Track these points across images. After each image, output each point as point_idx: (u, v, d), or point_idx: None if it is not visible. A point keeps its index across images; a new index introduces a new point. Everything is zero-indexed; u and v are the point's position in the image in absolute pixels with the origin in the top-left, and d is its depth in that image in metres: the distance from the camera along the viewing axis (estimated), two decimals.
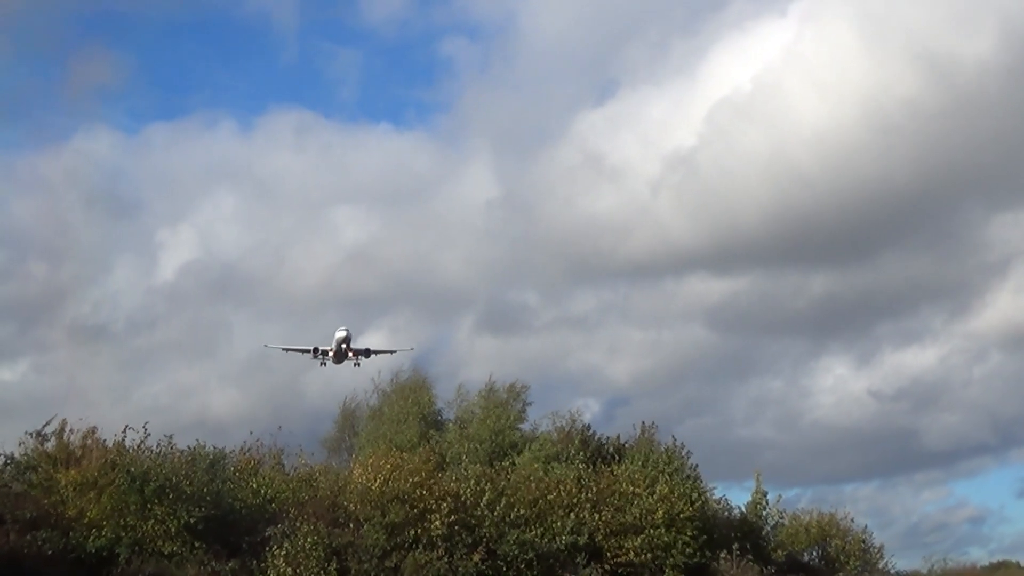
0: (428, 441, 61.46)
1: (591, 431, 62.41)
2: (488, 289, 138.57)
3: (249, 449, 49.06)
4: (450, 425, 65.89)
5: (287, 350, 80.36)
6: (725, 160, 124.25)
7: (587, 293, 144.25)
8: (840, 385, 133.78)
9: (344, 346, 78.18)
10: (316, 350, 78.82)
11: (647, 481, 52.51)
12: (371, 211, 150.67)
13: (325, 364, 79.63)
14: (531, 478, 51.27)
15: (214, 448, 45.05)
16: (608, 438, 62.26)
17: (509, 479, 50.34)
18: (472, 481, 47.60)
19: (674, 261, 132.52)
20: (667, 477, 53.50)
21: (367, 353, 79.48)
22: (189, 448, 43.84)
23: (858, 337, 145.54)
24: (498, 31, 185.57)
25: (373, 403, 71.03)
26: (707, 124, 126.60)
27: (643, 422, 62.35)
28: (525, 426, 63.65)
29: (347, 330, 78.67)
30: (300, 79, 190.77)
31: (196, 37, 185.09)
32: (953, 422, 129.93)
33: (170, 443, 43.74)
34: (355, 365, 79.12)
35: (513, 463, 56.30)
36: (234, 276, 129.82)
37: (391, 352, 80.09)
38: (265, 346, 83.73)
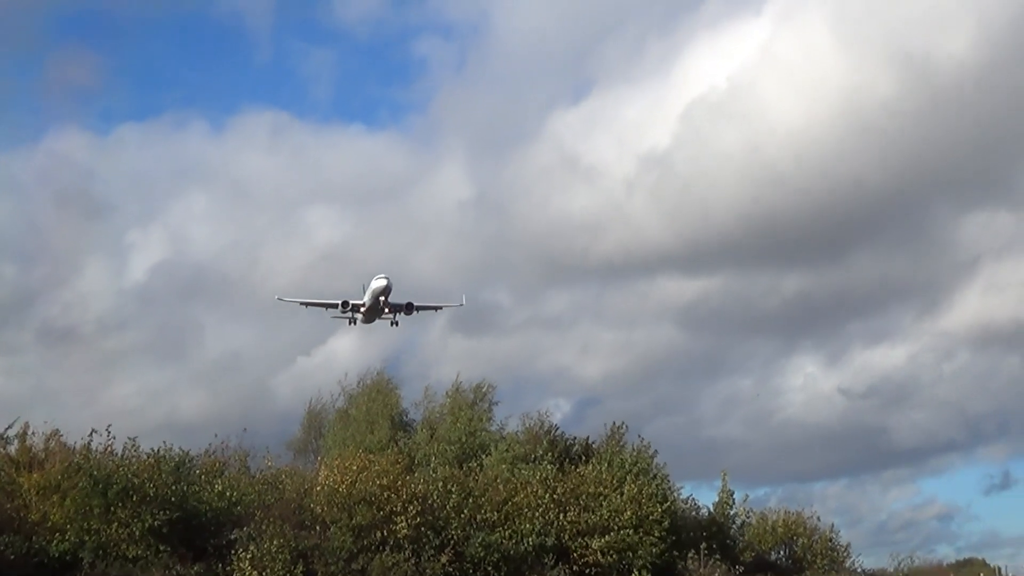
0: (396, 443, 61.22)
1: (559, 431, 62.57)
2: (461, 289, 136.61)
3: (214, 451, 48.80)
4: (418, 427, 65.74)
5: (306, 304, 69.46)
6: (700, 160, 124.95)
7: (560, 293, 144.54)
8: (810, 383, 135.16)
9: (382, 299, 66.46)
10: (345, 304, 67.85)
11: (615, 482, 52.67)
12: (344, 211, 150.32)
13: (354, 322, 69.14)
14: (498, 479, 51.36)
15: (180, 450, 44.87)
16: (576, 438, 62.45)
17: (477, 481, 50.38)
18: (439, 483, 47.59)
19: (647, 261, 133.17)
20: (634, 477, 53.66)
21: (409, 308, 68.08)
22: (154, 451, 43.55)
23: (829, 336, 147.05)
24: (473, 31, 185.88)
25: (340, 405, 70.30)
26: (682, 124, 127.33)
27: (613, 422, 62.81)
28: (492, 426, 63.66)
29: (387, 279, 66.16)
30: (274, 79, 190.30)
31: (169, 36, 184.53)
32: (922, 420, 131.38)
33: (134, 446, 43.46)
34: (392, 324, 68.49)
35: (481, 465, 56.33)
36: (206, 277, 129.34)
37: (437, 308, 70.87)
38: (278, 299, 71.64)
